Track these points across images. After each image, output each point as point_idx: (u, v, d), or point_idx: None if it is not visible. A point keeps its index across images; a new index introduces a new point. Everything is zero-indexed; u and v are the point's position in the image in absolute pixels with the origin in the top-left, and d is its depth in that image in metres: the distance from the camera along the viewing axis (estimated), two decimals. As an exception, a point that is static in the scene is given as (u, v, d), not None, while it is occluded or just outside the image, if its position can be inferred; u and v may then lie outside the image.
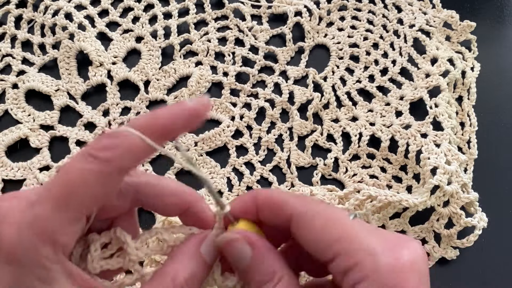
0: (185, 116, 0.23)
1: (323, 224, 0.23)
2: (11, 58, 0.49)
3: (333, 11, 0.54)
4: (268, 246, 0.25)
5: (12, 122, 0.46)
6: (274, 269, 0.24)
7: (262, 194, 0.25)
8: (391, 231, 0.25)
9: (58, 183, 0.21)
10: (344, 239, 0.22)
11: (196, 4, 0.53)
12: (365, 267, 0.21)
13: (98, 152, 0.21)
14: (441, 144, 0.45)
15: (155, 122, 0.23)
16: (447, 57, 0.50)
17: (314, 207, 0.24)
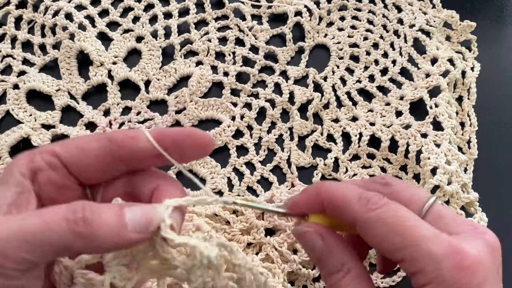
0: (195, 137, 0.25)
1: (386, 232, 0.24)
2: (12, 58, 0.49)
3: (333, 11, 0.54)
4: (337, 239, 0.27)
5: (13, 123, 0.46)
6: (344, 261, 0.26)
7: (325, 194, 0.26)
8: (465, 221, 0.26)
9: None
10: (407, 248, 0.23)
11: (196, 4, 0.53)
12: (428, 274, 0.23)
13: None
14: (441, 144, 0.45)
15: (164, 131, 0.24)
16: (447, 57, 0.50)
17: (377, 213, 0.24)
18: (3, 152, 0.44)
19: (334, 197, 0.26)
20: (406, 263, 0.23)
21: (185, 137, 0.25)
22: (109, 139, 0.24)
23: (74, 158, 0.24)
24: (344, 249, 0.27)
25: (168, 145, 0.24)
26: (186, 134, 0.25)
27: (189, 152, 0.25)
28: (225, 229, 0.41)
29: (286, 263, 0.40)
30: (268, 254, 0.40)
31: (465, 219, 0.26)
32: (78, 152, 0.24)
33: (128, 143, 0.24)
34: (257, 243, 0.41)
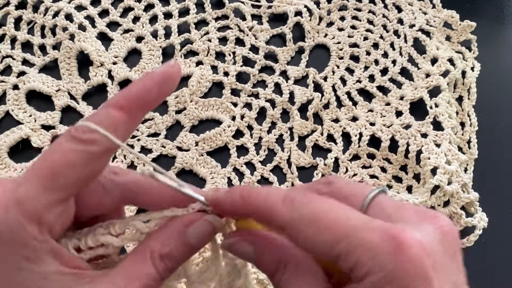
0: (158, 82, 0.23)
1: (314, 231, 0.21)
2: (11, 59, 0.49)
3: (333, 11, 0.54)
4: (269, 238, 0.25)
5: (13, 123, 0.46)
6: (278, 258, 0.24)
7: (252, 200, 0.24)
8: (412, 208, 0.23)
9: (43, 164, 0.22)
10: (341, 241, 0.21)
11: (196, 4, 0.53)
12: (364, 264, 0.20)
13: (80, 134, 0.22)
14: (441, 144, 0.45)
15: (129, 95, 0.23)
16: (447, 57, 0.50)
17: (301, 212, 0.22)
18: (2, 153, 0.44)
19: (260, 203, 0.23)
20: (341, 259, 0.21)
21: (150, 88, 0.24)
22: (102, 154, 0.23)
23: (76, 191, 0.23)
24: (278, 246, 0.25)
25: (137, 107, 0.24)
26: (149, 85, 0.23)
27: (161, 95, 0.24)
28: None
29: None
30: None
31: (410, 206, 0.23)
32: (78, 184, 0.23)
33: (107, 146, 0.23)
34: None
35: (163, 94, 0.24)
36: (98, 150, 0.22)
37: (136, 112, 0.23)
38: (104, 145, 0.22)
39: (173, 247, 0.24)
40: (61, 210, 0.22)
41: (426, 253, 0.20)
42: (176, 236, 0.24)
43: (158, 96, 0.24)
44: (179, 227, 0.24)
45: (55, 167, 0.22)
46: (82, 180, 0.23)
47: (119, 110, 0.23)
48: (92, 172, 0.23)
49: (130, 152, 0.24)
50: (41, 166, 0.22)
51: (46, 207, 0.22)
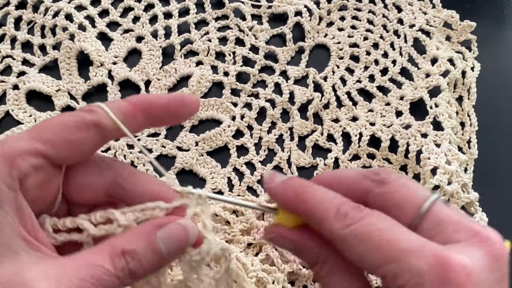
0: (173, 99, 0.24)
1: (364, 249, 0.21)
2: (11, 59, 0.49)
3: (333, 11, 0.54)
4: (306, 235, 0.25)
5: (13, 123, 0.46)
6: (317, 254, 0.25)
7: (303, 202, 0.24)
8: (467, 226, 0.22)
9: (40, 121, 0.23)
10: (388, 263, 0.21)
11: (196, 3, 0.53)
12: None
13: (83, 109, 0.23)
14: (441, 144, 0.45)
15: (143, 97, 0.24)
16: (447, 57, 0.50)
17: (353, 229, 0.22)
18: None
19: (312, 208, 0.24)
20: (388, 279, 0.21)
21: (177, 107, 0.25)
22: (96, 125, 0.23)
23: (62, 153, 0.22)
24: (315, 243, 0.25)
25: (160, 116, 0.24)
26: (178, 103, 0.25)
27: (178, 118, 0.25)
28: (225, 230, 0.41)
29: (286, 263, 0.40)
30: (268, 255, 0.40)
31: (468, 223, 0.22)
32: (66, 145, 0.22)
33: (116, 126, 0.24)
34: (257, 244, 0.41)
35: (172, 113, 0.25)
36: (93, 120, 0.23)
37: (142, 114, 0.24)
38: (99, 119, 0.23)
39: (139, 246, 0.22)
40: (39, 164, 0.22)
41: (473, 279, 0.20)
42: (143, 236, 0.23)
43: (167, 110, 0.24)
44: (149, 228, 0.23)
45: (47, 122, 0.22)
46: (69, 143, 0.22)
47: (129, 104, 0.24)
48: (81, 140, 0.23)
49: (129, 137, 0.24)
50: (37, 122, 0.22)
51: (24, 152, 0.21)
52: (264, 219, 0.42)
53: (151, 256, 0.22)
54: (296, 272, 0.40)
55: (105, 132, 0.23)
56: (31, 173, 0.22)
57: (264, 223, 0.41)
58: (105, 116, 0.23)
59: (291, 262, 0.40)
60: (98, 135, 0.23)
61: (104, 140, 0.24)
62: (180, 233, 0.23)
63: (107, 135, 0.24)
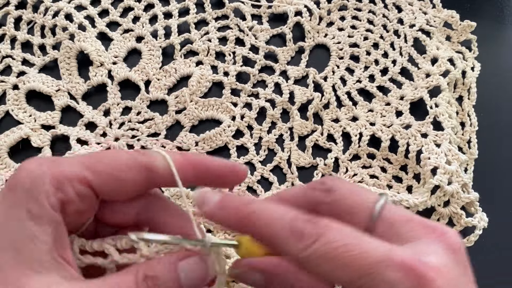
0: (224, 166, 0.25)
1: (332, 268, 0.20)
2: (11, 59, 0.49)
3: (333, 11, 0.54)
4: (278, 263, 0.25)
5: (13, 123, 0.46)
6: (291, 282, 0.25)
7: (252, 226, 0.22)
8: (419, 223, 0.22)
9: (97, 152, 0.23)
10: (360, 278, 0.20)
11: (196, 3, 0.53)
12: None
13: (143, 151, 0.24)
14: (442, 144, 0.45)
15: (199, 156, 0.25)
16: (447, 57, 0.50)
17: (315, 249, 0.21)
18: (2, 153, 0.44)
19: (262, 232, 0.22)
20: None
21: (227, 173, 0.25)
22: (148, 169, 0.23)
23: (108, 188, 0.23)
24: (288, 272, 0.25)
25: (208, 177, 0.25)
26: (228, 170, 0.25)
27: (225, 184, 0.26)
28: (225, 230, 0.41)
29: None
30: None
31: (421, 220, 0.22)
32: (113, 181, 0.23)
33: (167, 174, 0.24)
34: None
35: (221, 178, 0.25)
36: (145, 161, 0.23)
37: (194, 171, 0.25)
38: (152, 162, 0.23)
39: (160, 273, 0.23)
40: (85, 194, 0.22)
41: (444, 275, 0.20)
42: (166, 265, 0.23)
43: (218, 175, 0.25)
44: (172, 259, 0.24)
45: (101, 155, 0.23)
46: (119, 180, 0.23)
47: (185, 159, 0.24)
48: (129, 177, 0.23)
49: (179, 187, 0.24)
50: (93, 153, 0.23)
51: (73, 178, 0.22)
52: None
53: (171, 283, 0.23)
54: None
55: (154, 177, 0.24)
56: (75, 200, 0.22)
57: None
58: (158, 162, 0.24)
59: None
60: (147, 178, 0.24)
61: (150, 185, 0.24)
62: (200, 267, 0.24)
63: (156, 181, 0.24)
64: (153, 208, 0.26)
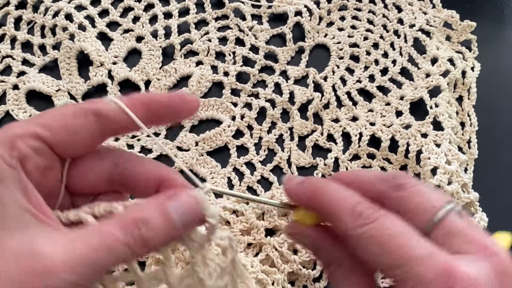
0: (174, 97, 0.24)
1: (375, 250, 0.22)
2: (11, 59, 0.49)
3: (333, 11, 0.54)
4: (325, 234, 0.27)
5: (13, 123, 0.46)
6: (333, 255, 0.26)
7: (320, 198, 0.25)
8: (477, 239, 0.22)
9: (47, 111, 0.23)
10: (397, 268, 0.21)
11: (196, 3, 0.53)
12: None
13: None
14: (442, 144, 0.45)
15: (144, 94, 0.25)
16: (447, 57, 0.50)
17: (366, 229, 0.23)
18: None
19: (328, 205, 0.24)
20: (398, 283, 0.22)
21: (178, 104, 0.24)
22: (95, 113, 0.23)
23: (60, 139, 0.23)
24: (333, 244, 0.26)
25: (159, 111, 0.24)
26: (179, 100, 0.24)
27: (179, 116, 0.25)
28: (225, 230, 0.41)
29: (286, 263, 0.40)
30: (268, 255, 0.40)
31: (479, 237, 0.23)
32: (63, 132, 0.22)
33: (118, 117, 0.23)
34: (257, 244, 0.41)
35: (172, 109, 0.25)
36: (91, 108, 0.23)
37: (142, 109, 0.24)
38: (97, 107, 0.23)
39: (150, 214, 0.22)
40: (38, 147, 0.22)
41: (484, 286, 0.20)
42: (155, 205, 0.22)
43: (167, 107, 0.24)
44: (160, 198, 0.23)
45: (48, 111, 0.23)
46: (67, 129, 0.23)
47: (130, 99, 0.24)
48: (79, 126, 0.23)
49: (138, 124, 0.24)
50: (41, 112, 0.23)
51: (23, 135, 0.22)
52: (264, 219, 0.42)
53: (164, 224, 0.22)
54: (296, 272, 0.40)
55: (105, 122, 0.23)
56: (31, 155, 0.22)
57: (264, 223, 0.41)
58: (107, 106, 0.23)
59: (291, 262, 0.40)
60: (97, 124, 0.23)
61: (103, 131, 0.24)
62: (191, 204, 0.23)
63: (107, 125, 0.23)
64: (123, 165, 0.25)
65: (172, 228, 0.22)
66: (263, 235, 0.41)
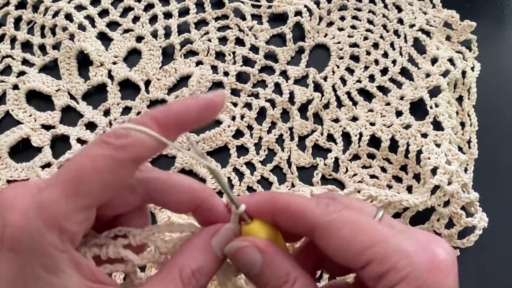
0: (200, 106, 0.22)
1: (351, 233, 0.22)
2: (11, 59, 0.49)
3: (333, 11, 0.54)
4: (278, 250, 0.25)
5: (13, 123, 0.46)
6: (288, 271, 0.24)
7: (281, 200, 0.25)
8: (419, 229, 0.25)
9: (69, 169, 0.20)
10: (376, 245, 0.22)
11: (196, 3, 0.53)
12: (401, 269, 0.21)
13: (112, 139, 0.21)
14: (442, 144, 0.45)
15: (168, 111, 0.22)
16: (447, 57, 0.50)
17: (338, 216, 0.23)
18: (2, 153, 0.44)
19: (290, 203, 0.24)
20: (375, 264, 0.21)
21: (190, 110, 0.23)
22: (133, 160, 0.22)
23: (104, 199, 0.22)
24: (287, 259, 0.24)
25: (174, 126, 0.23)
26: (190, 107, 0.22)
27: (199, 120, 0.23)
28: None
29: None
30: None
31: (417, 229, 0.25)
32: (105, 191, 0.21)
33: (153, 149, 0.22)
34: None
35: (201, 119, 0.23)
36: (127, 157, 0.21)
37: (170, 130, 0.22)
38: (134, 152, 0.21)
39: (203, 261, 0.23)
40: (84, 218, 0.21)
41: (453, 269, 0.22)
42: (203, 250, 0.24)
43: (196, 120, 0.23)
44: (205, 240, 0.24)
45: (81, 172, 0.20)
46: (108, 188, 0.21)
47: (155, 123, 0.22)
48: (119, 180, 0.21)
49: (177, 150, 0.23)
50: (67, 171, 0.20)
51: (68, 214, 0.20)
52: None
53: (214, 265, 0.24)
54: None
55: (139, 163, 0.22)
56: (78, 231, 0.21)
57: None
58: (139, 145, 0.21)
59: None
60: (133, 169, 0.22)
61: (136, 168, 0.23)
62: (229, 236, 0.24)
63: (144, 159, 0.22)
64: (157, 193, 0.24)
65: (219, 262, 0.24)
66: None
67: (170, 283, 0.22)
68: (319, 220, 0.23)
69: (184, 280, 0.22)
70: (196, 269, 0.23)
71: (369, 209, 0.24)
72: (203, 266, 0.23)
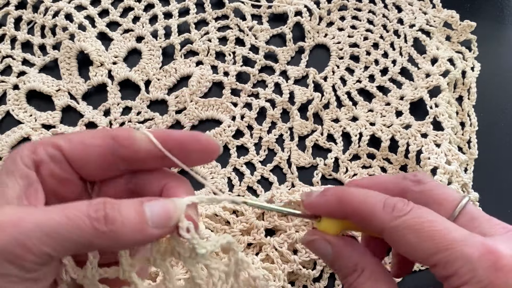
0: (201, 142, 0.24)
1: (416, 239, 0.23)
2: (11, 59, 0.49)
3: (333, 11, 0.54)
4: (346, 241, 0.27)
5: (13, 123, 0.46)
6: (356, 262, 0.26)
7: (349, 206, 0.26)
8: (499, 223, 0.25)
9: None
10: (440, 253, 0.23)
11: (196, 3, 0.53)
12: (462, 276, 0.22)
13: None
14: (441, 144, 0.45)
15: (170, 133, 0.24)
16: (447, 57, 0.50)
17: (404, 220, 0.24)
18: (3, 153, 0.44)
19: (358, 207, 0.25)
20: (440, 267, 0.23)
21: (192, 141, 0.24)
22: (113, 137, 0.24)
23: (76, 153, 0.24)
24: (355, 250, 0.27)
25: (173, 147, 0.24)
26: (194, 139, 0.24)
27: (194, 157, 0.25)
28: (225, 230, 0.41)
29: (286, 263, 0.40)
30: (268, 255, 0.40)
31: (498, 221, 0.25)
32: (81, 147, 0.24)
33: (130, 143, 0.24)
34: (257, 244, 0.41)
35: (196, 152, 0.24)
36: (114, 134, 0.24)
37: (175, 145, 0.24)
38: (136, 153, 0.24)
39: (124, 204, 0.22)
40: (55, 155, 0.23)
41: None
42: (132, 201, 0.22)
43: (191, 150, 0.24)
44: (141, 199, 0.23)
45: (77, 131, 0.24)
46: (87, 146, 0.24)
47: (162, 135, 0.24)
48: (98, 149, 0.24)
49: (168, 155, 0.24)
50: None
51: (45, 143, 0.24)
52: (264, 219, 0.42)
53: (134, 217, 0.21)
54: (296, 272, 0.40)
55: (120, 147, 0.24)
56: (47, 160, 0.23)
57: (264, 223, 0.41)
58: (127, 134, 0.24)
59: (291, 262, 0.40)
60: (113, 147, 0.24)
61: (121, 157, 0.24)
62: (168, 208, 0.22)
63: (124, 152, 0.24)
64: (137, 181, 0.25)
65: (143, 223, 0.21)
66: (263, 235, 0.41)
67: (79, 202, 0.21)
68: (385, 225, 0.24)
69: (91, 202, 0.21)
70: (110, 201, 0.21)
71: (451, 198, 0.26)
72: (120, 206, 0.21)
